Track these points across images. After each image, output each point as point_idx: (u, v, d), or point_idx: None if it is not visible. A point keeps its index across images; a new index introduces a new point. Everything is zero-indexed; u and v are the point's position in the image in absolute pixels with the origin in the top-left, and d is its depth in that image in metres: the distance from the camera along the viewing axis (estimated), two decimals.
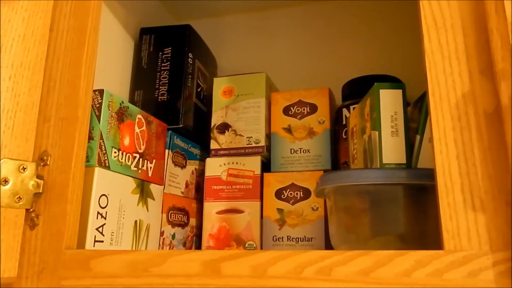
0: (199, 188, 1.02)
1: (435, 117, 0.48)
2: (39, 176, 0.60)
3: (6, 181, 0.56)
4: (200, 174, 1.03)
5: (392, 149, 0.65)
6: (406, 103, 0.67)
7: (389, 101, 0.67)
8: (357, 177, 0.60)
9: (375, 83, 0.69)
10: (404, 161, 0.65)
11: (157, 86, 0.97)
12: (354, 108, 0.89)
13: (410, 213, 0.60)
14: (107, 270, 0.55)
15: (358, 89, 0.91)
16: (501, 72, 0.45)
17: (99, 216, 0.68)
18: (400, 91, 0.67)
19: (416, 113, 0.74)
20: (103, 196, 0.68)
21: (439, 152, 0.48)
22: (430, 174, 0.51)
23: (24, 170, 0.58)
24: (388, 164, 0.65)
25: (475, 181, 0.46)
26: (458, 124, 0.48)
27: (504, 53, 0.45)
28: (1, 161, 0.56)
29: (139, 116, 0.78)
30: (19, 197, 0.57)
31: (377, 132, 0.66)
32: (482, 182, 0.46)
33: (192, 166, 0.99)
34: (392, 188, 0.60)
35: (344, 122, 0.93)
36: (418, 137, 0.69)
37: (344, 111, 0.94)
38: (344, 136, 0.93)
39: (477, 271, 0.44)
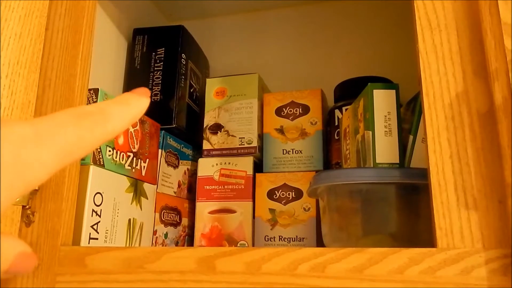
0: (191, 188, 1.02)
1: (429, 117, 0.49)
2: None
3: None
4: (192, 174, 1.03)
5: (385, 149, 0.66)
6: (399, 103, 0.68)
7: (383, 101, 0.67)
8: (351, 176, 0.61)
9: (369, 83, 0.69)
10: (397, 161, 0.65)
11: (150, 86, 0.97)
12: (346, 109, 0.90)
13: (403, 212, 0.61)
14: (102, 266, 0.55)
15: (350, 91, 0.91)
16: (494, 72, 0.46)
17: (94, 214, 0.68)
18: (393, 91, 0.68)
19: (409, 114, 0.74)
20: (98, 194, 0.69)
21: (433, 151, 0.48)
22: (423, 173, 0.52)
23: None
24: (382, 163, 0.65)
25: (468, 180, 0.47)
26: (451, 123, 0.48)
27: (498, 53, 0.46)
28: None
29: None
30: None
31: (370, 132, 0.67)
32: (475, 181, 0.47)
33: (184, 166, 0.99)
34: (385, 187, 0.60)
35: (336, 123, 0.94)
36: (411, 137, 0.69)
37: (337, 112, 0.95)
38: (336, 137, 0.94)
39: (470, 268, 0.44)
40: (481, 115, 0.48)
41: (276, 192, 0.92)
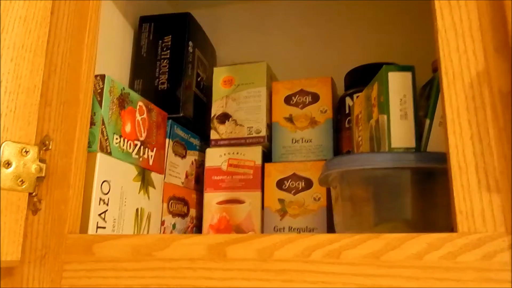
0: (198, 179, 1.01)
1: (448, 97, 0.48)
2: (41, 160, 0.59)
3: (8, 164, 0.55)
4: (200, 165, 1.02)
5: (401, 133, 0.64)
6: (415, 86, 0.66)
7: (398, 84, 0.66)
8: (365, 161, 0.59)
9: (384, 66, 0.68)
10: (413, 145, 0.64)
11: (157, 75, 0.96)
12: (357, 96, 0.88)
13: (418, 198, 0.60)
14: (110, 254, 0.54)
15: (361, 78, 0.90)
16: None
17: (101, 202, 0.67)
18: (409, 74, 0.66)
19: (423, 101, 0.73)
20: (105, 183, 0.68)
21: (453, 132, 0.47)
22: (440, 157, 0.50)
23: (26, 154, 0.57)
24: (397, 148, 0.64)
25: (489, 162, 0.45)
26: (472, 103, 0.47)
27: None
28: (3, 143, 0.55)
29: (140, 103, 0.78)
30: (22, 180, 0.56)
31: (385, 116, 0.65)
32: (497, 163, 0.45)
33: (192, 156, 0.98)
34: (401, 173, 0.59)
35: (347, 111, 0.93)
36: (427, 121, 0.68)
37: (347, 100, 0.93)
38: (347, 125, 0.92)
39: (492, 253, 0.43)
40: (503, 94, 0.46)
41: (285, 182, 0.91)
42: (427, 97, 0.72)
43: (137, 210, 0.75)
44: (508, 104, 0.46)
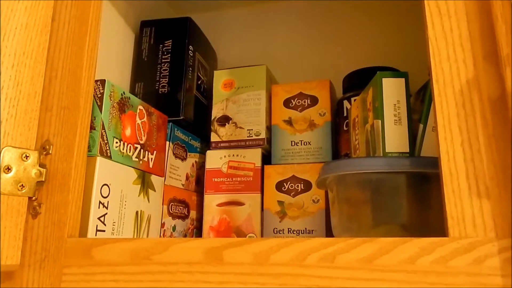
0: (199, 181, 1.02)
1: (439, 104, 0.48)
2: (41, 165, 0.59)
3: (9, 169, 0.56)
4: (200, 167, 1.03)
5: (395, 138, 0.65)
6: (409, 92, 0.67)
7: (392, 89, 0.66)
8: (360, 165, 0.60)
9: (378, 72, 0.68)
10: (407, 150, 0.65)
11: (157, 79, 0.96)
12: (355, 99, 0.89)
13: (413, 202, 0.60)
14: (109, 258, 0.55)
15: (359, 81, 0.91)
16: (506, 58, 0.45)
17: (101, 206, 0.67)
18: (402, 80, 0.67)
19: (418, 104, 0.74)
20: (105, 186, 0.68)
21: (444, 139, 0.47)
22: (433, 162, 0.51)
23: (26, 159, 0.58)
24: (391, 152, 0.65)
25: (480, 168, 0.46)
26: (462, 110, 0.47)
27: (509, 38, 0.45)
28: (4, 149, 0.56)
29: (140, 107, 0.78)
30: (22, 185, 0.57)
31: (379, 121, 0.66)
32: (487, 169, 0.46)
33: (192, 158, 0.99)
34: (395, 177, 0.59)
35: (345, 114, 0.93)
36: (421, 126, 0.69)
37: (345, 103, 0.94)
38: (345, 128, 0.93)
39: (483, 258, 0.44)
40: (493, 101, 0.47)
41: (284, 184, 0.91)
42: (422, 101, 0.72)
43: (137, 212, 0.76)
44: (497, 111, 0.46)
